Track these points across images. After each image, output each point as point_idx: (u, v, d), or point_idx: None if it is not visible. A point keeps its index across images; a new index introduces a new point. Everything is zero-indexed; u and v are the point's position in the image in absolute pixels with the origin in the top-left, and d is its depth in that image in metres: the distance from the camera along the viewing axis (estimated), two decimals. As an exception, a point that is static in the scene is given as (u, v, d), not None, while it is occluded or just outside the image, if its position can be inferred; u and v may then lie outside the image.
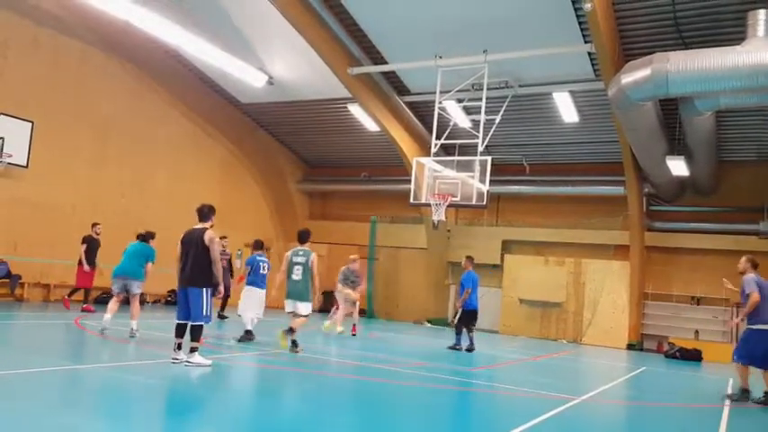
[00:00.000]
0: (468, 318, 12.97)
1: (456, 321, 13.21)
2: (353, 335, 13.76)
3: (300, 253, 9.92)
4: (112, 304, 10.25)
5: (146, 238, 10.75)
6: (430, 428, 6.10)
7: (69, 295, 14.64)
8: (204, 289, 7.73)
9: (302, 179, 24.47)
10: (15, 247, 15.13)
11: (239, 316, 11.23)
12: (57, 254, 15.72)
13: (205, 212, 8.24)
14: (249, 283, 11.27)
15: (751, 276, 8.98)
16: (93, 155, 16.94)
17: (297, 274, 9.77)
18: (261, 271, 11.33)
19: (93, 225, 14.60)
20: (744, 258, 9.22)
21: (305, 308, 9.80)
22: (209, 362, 7.76)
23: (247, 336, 10.83)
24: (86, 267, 14.26)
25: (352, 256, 14.79)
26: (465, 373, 9.98)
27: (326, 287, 22.88)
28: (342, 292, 14.07)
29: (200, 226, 8.10)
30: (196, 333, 7.77)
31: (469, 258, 13.46)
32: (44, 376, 6.60)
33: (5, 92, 14.77)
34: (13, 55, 15.07)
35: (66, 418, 5.05)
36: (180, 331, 7.87)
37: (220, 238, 12.44)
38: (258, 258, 11.47)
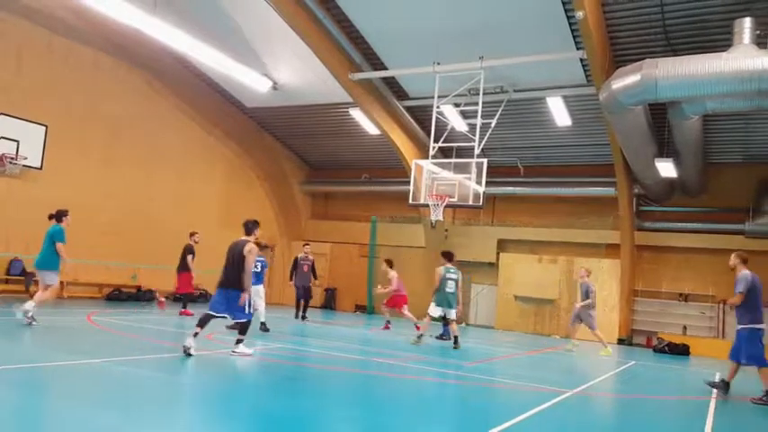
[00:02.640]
0: None
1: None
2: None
3: (452, 271, 12.31)
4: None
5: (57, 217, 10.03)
6: (426, 420, 6.10)
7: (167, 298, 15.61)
8: (241, 291, 8.29)
9: (305, 180, 24.47)
10: (29, 245, 15.13)
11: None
12: (69, 252, 15.65)
13: (249, 227, 8.82)
14: None
15: (745, 273, 8.57)
16: (105, 157, 16.95)
17: (450, 288, 12.17)
18: (255, 270, 11.55)
19: (192, 234, 14.21)
20: (734, 255, 8.88)
21: (454, 314, 12.25)
22: (251, 351, 8.51)
23: (264, 327, 11.67)
24: (193, 274, 14.10)
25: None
26: (461, 368, 9.98)
27: (329, 284, 23.02)
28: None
29: (244, 238, 8.64)
30: (242, 328, 8.48)
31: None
32: (71, 369, 6.61)
33: (20, 97, 14.79)
34: (28, 61, 15.09)
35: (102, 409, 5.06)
36: (205, 322, 8.22)
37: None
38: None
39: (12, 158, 14.24)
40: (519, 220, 20.93)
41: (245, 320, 8.43)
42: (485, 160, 13.65)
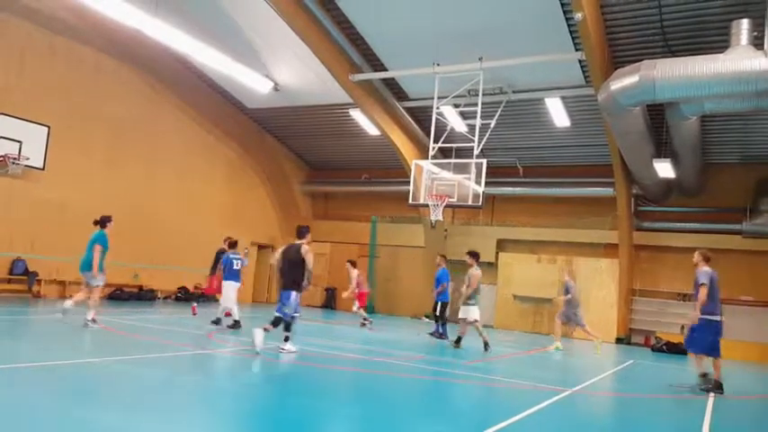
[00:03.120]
0: (443, 308, 14.18)
1: (436, 312, 14.27)
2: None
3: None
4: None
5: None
6: (426, 418, 6.10)
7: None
8: (295, 292, 9.10)
9: (306, 181, 24.47)
10: (32, 245, 15.15)
11: (223, 310, 11.98)
12: (72, 252, 15.68)
13: (302, 231, 9.58)
14: (225, 279, 11.92)
15: (706, 270, 8.96)
16: (107, 157, 16.95)
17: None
18: (234, 267, 11.98)
19: (227, 239, 14.30)
20: (697, 252, 9.30)
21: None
22: (296, 348, 9.12)
23: (236, 325, 11.64)
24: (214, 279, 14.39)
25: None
26: (461, 366, 9.99)
27: (329, 284, 23.02)
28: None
29: (297, 242, 9.34)
30: (288, 326, 9.09)
31: (443, 257, 15.02)
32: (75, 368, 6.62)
33: (23, 98, 14.79)
34: (30, 63, 15.09)
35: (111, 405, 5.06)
36: (278, 323, 9.06)
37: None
38: (232, 257, 12.04)
39: (14, 159, 14.24)
40: (518, 220, 20.93)
41: (288, 319, 9.03)
42: (484, 161, 13.66)
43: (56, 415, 4.77)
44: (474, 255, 12.45)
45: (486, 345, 11.98)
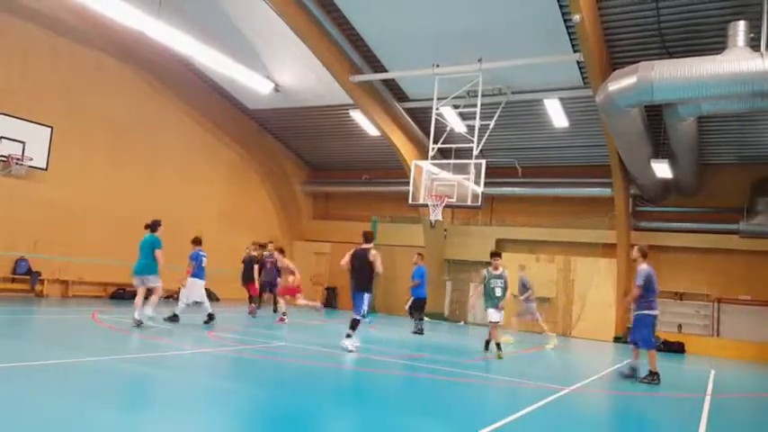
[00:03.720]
0: (418, 305, 14.28)
1: (410, 309, 14.42)
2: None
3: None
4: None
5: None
6: (425, 416, 6.10)
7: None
8: (366, 293, 9.86)
9: (306, 181, 24.47)
10: (35, 245, 15.15)
11: (186, 302, 12.03)
12: (74, 252, 15.74)
13: (368, 237, 10.19)
14: (195, 276, 12.04)
15: (643, 267, 9.42)
16: (109, 158, 16.96)
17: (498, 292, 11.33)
18: (203, 264, 12.14)
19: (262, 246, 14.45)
20: (636, 248, 9.80)
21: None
22: (357, 345, 9.78)
23: (174, 318, 11.72)
24: (255, 283, 15.31)
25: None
26: (460, 365, 9.98)
27: (330, 284, 23.03)
28: None
29: (365, 246, 9.96)
30: (354, 323, 9.82)
31: (420, 255, 15.27)
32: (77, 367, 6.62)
33: (26, 99, 14.80)
34: (34, 64, 15.09)
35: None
36: (356, 325, 9.83)
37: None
38: (201, 254, 12.19)
39: (18, 159, 14.24)
40: (517, 219, 20.93)
41: (356, 317, 9.77)
42: (483, 161, 13.65)
43: (67, 415, 4.77)
44: (498, 255, 11.78)
45: (487, 343, 11.77)
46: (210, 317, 11.99)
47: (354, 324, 9.82)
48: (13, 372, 6.13)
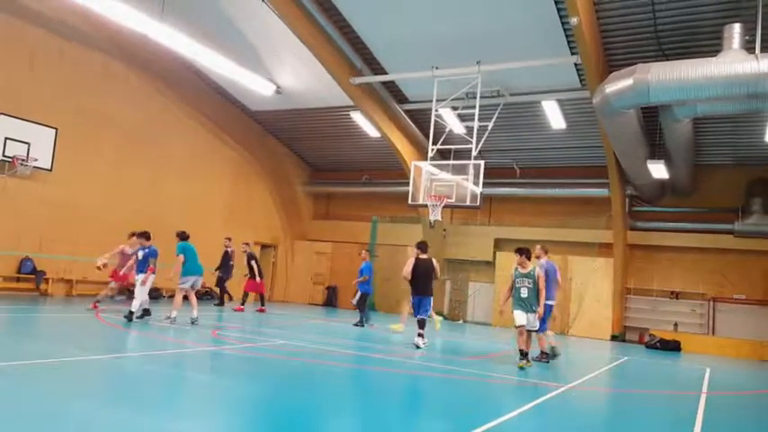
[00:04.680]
0: (364, 299, 14.77)
1: (356, 302, 14.74)
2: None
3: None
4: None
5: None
6: (423, 415, 6.10)
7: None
8: (431, 297, 11.21)
9: (307, 182, 24.47)
10: (40, 245, 15.15)
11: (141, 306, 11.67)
12: (79, 251, 15.73)
13: (424, 247, 11.41)
14: (143, 272, 11.69)
15: (542, 262, 10.20)
16: (113, 159, 16.94)
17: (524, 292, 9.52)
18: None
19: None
20: (538, 246, 10.62)
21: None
22: (426, 342, 10.89)
23: (131, 316, 11.25)
24: (257, 279, 16.14)
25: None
26: (458, 363, 9.98)
27: (331, 283, 23.03)
28: None
29: (425, 256, 11.24)
30: (422, 324, 10.98)
31: (368, 252, 15.68)
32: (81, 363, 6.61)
33: (32, 100, 14.79)
34: (40, 66, 15.08)
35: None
36: (423, 324, 10.96)
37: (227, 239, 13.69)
38: (155, 250, 11.87)
39: (23, 160, 14.24)
40: (515, 219, 20.92)
41: (423, 317, 10.95)
42: (482, 162, 13.64)
43: (69, 412, 4.77)
44: (526, 251, 9.77)
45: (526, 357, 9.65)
46: (146, 312, 11.78)
47: (423, 324, 10.93)
48: (16, 369, 6.12)
